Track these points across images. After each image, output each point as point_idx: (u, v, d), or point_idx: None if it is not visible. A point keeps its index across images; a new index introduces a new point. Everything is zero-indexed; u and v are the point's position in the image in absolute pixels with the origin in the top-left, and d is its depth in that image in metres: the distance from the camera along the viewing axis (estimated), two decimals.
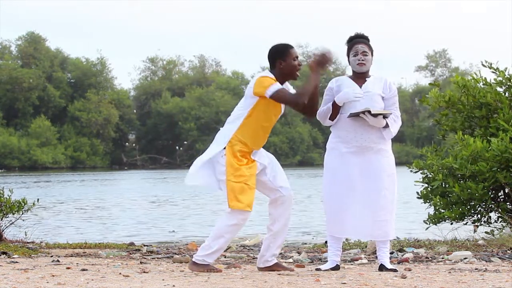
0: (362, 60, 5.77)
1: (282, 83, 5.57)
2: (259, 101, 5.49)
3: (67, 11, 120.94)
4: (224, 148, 5.49)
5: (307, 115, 5.74)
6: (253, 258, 7.16)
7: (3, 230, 8.49)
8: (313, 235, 11.36)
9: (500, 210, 7.81)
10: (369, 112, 5.61)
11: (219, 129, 5.67)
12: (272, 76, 5.52)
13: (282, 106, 5.58)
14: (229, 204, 5.43)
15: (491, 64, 8.20)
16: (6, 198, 8.35)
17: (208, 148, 5.60)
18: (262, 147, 5.70)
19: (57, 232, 12.33)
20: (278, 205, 5.63)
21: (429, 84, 8.71)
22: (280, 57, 5.54)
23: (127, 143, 75.14)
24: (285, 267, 5.78)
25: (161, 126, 72.43)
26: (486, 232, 8.13)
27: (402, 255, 7.02)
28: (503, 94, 8.11)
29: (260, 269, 5.75)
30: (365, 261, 6.72)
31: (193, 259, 5.60)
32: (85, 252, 7.67)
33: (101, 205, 19.69)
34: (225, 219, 5.49)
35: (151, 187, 30.87)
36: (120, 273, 5.56)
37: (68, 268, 5.98)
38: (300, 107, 5.49)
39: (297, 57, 5.61)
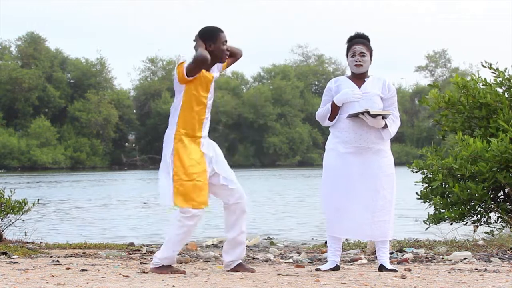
0: (360, 61, 5.78)
1: (211, 66, 5.63)
2: (186, 88, 5.55)
3: (67, 11, 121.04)
4: (172, 148, 5.53)
5: (236, 58, 5.83)
6: (253, 258, 7.17)
7: (3, 230, 8.49)
8: (313, 235, 11.36)
9: (500, 210, 7.81)
10: (368, 112, 5.61)
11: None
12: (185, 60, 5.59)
13: (211, 87, 5.62)
14: (176, 203, 5.43)
15: (490, 64, 8.20)
16: (6, 198, 8.35)
17: (162, 151, 5.65)
18: (215, 144, 5.71)
19: (57, 232, 12.34)
20: (233, 211, 5.63)
21: (428, 85, 8.72)
22: (211, 40, 5.60)
23: (127, 143, 75.11)
24: (247, 268, 5.76)
25: (161, 126, 72.34)
26: (486, 232, 8.13)
27: (402, 256, 7.03)
28: (503, 94, 8.12)
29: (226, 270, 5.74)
30: (365, 261, 6.72)
31: (152, 265, 5.59)
32: (85, 253, 7.67)
33: (101, 205, 19.69)
34: (175, 225, 5.48)
35: (151, 187, 30.85)
36: (120, 273, 5.56)
37: (68, 268, 5.98)
38: (203, 60, 5.48)
39: (226, 41, 5.67)
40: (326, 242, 6.96)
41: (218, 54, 5.62)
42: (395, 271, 5.70)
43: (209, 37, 5.60)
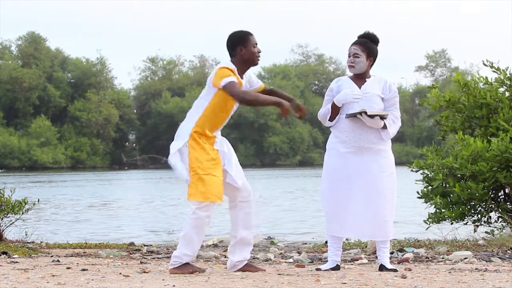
0: (352, 62, 5.78)
1: (244, 71, 5.62)
2: (218, 91, 5.53)
3: (67, 11, 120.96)
4: (187, 141, 5.50)
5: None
6: (254, 258, 7.16)
7: (3, 230, 8.50)
8: (313, 235, 11.36)
9: (500, 210, 7.81)
10: (365, 113, 5.61)
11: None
12: (232, 66, 5.57)
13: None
14: (191, 196, 5.38)
15: (492, 63, 8.20)
16: (7, 198, 8.35)
17: (173, 142, 5.59)
18: (227, 142, 5.69)
19: (57, 232, 12.33)
20: (239, 209, 5.62)
21: (428, 87, 8.72)
22: (241, 44, 5.58)
23: (127, 143, 75.13)
24: (258, 268, 5.76)
25: (161, 126, 72.40)
26: (486, 232, 8.14)
27: (402, 255, 7.03)
28: (503, 94, 8.12)
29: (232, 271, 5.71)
30: (365, 261, 6.72)
31: (171, 266, 5.53)
32: (85, 252, 7.67)
33: (101, 205, 19.70)
34: (190, 218, 5.43)
35: (151, 187, 30.86)
36: (120, 273, 5.56)
37: (68, 268, 5.98)
38: (242, 104, 5.54)
39: (256, 43, 5.65)
40: (326, 242, 6.96)
41: (250, 57, 5.60)
42: (395, 270, 5.70)
43: (239, 41, 5.58)
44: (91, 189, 28.62)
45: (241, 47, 5.58)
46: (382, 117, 5.67)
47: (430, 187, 8.08)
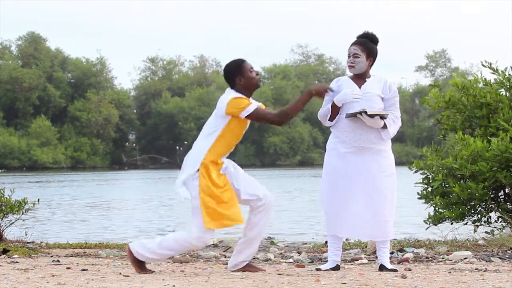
0: (352, 62, 5.78)
1: (250, 96, 5.63)
2: (231, 120, 5.53)
3: (67, 11, 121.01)
4: (198, 170, 5.49)
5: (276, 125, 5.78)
6: (254, 258, 7.16)
7: (3, 230, 8.50)
8: (313, 235, 11.36)
9: (500, 210, 7.81)
10: (365, 112, 5.61)
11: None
12: (239, 94, 5.55)
13: (248, 122, 5.62)
14: (206, 225, 5.39)
15: (490, 64, 8.20)
16: (7, 198, 8.35)
17: (181, 171, 5.59)
18: (229, 160, 5.72)
19: (57, 232, 12.33)
20: (258, 212, 5.62)
21: (429, 85, 8.72)
22: (238, 74, 5.59)
23: (127, 143, 75.14)
24: (258, 268, 5.77)
25: (161, 126, 72.44)
26: (486, 232, 8.13)
27: (402, 255, 7.03)
28: (503, 94, 8.11)
29: (232, 271, 5.72)
30: (365, 261, 6.72)
31: (132, 249, 5.55)
32: (85, 252, 7.67)
33: (101, 205, 19.70)
34: (187, 238, 5.46)
35: (151, 187, 30.86)
36: (120, 273, 5.56)
37: (68, 268, 5.98)
38: (282, 125, 5.59)
39: (252, 67, 5.65)
40: (326, 242, 6.95)
41: (250, 82, 5.60)
42: (395, 270, 5.69)
43: (235, 71, 5.59)
44: (91, 189, 28.62)
45: (239, 77, 5.59)
46: (382, 117, 5.66)
47: (430, 188, 8.07)
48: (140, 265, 5.58)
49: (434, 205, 7.98)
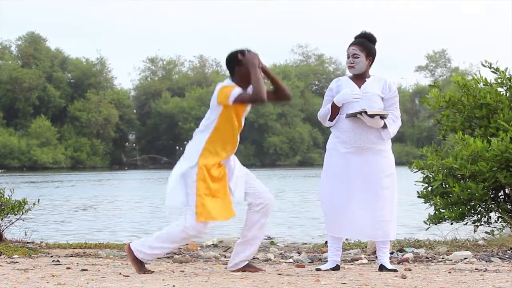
0: (351, 62, 5.79)
1: (247, 87, 5.62)
2: (224, 110, 5.55)
3: (67, 11, 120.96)
4: (196, 163, 5.50)
5: (283, 101, 5.82)
6: (253, 258, 7.16)
7: (3, 230, 8.49)
8: (313, 235, 11.36)
9: (500, 210, 7.81)
10: (365, 112, 5.61)
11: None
12: (232, 83, 5.60)
13: (246, 109, 5.63)
14: (197, 218, 5.40)
15: (491, 64, 8.20)
16: (7, 198, 8.35)
17: (179, 162, 5.61)
18: (234, 156, 5.71)
19: (57, 232, 12.34)
20: (256, 212, 5.63)
21: (429, 85, 8.72)
22: (237, 63, 5.61)
23: (127, 143, 75.12)
24: (258, 268, 5.77)
25: (161, 126, 72.42)
26: (486, 232, 8.14)
27: (402, 255, 7.03)
28: (503, 94, 8.12)
29: (232, 271, 5.73)
30: (365, 261, 6.72)
31: (132, 248, 5.58)
32: (85, 252, 7.67)
33: (101, 205, 19.69)
34: (183, 228, 5.46)
35: (151, 187, 30.86)
36: (120, 273, 5.56)
37: (68, 268, 5.98)
38: (265, 101, 5.55)
39: None
40: (326, 242, 6.96)
41: (247, 72, 5.60)
42: (395, 271, 5.70)
43: (234, 60, 5.62)
44: (91, 189, 28.61)
45: (237, 66, 5.61)
46: (382, 117, 5.67)
47: (430, 188, 8.08)
48: (140, 265, 5.59)
49: (434, 205, 7.98)
